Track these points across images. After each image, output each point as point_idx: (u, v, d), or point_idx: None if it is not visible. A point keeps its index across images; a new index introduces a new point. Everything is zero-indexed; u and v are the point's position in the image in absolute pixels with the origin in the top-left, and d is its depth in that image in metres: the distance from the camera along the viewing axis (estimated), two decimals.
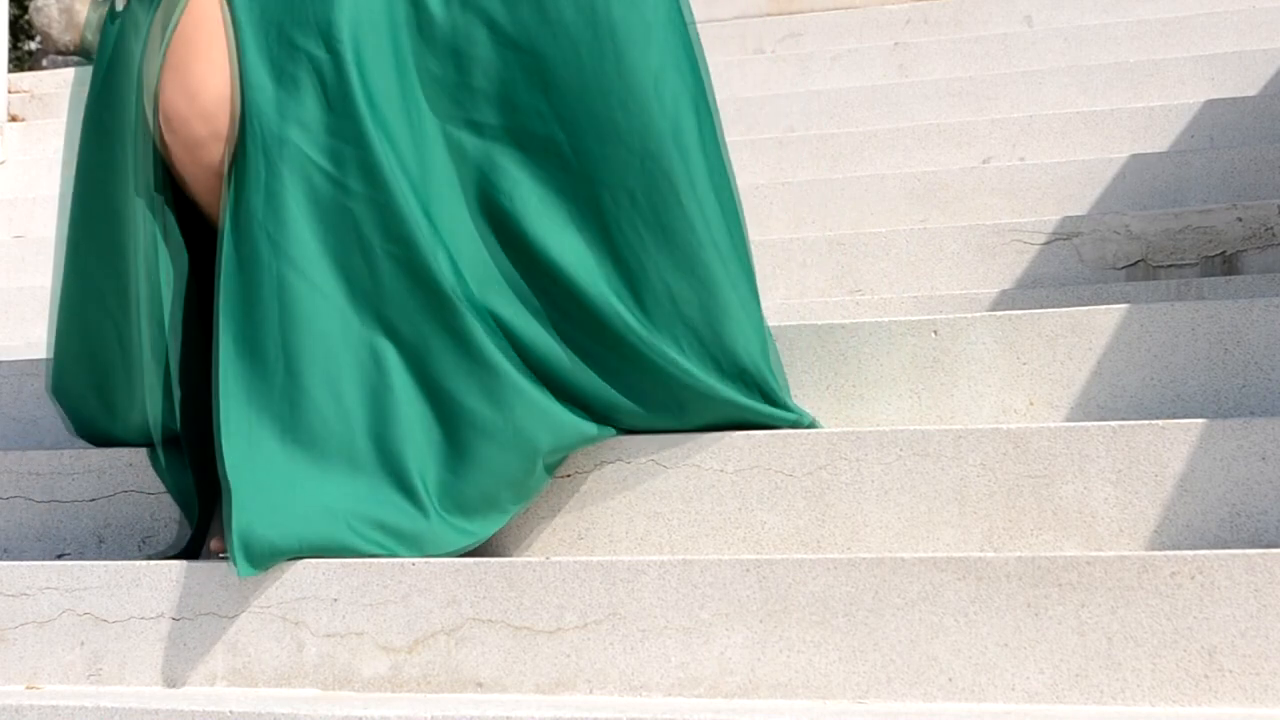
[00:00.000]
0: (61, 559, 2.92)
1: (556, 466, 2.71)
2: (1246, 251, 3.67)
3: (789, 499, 2.65)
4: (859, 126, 4.97)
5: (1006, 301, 3.57)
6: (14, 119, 6.39)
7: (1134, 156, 4.12)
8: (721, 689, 2.35)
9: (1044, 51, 5.35)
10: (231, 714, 2.28)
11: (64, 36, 8.94)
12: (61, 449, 3.04)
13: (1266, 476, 2.48)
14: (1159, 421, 2.54)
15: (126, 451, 2.93)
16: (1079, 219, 3.80)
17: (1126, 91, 4.88)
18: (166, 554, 2.77)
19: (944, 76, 5.28)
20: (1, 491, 2.98)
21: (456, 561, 2.49)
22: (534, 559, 2.49)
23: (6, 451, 3.02)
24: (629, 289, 2.70)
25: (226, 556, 2.58)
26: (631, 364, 2.68)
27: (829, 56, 5.63)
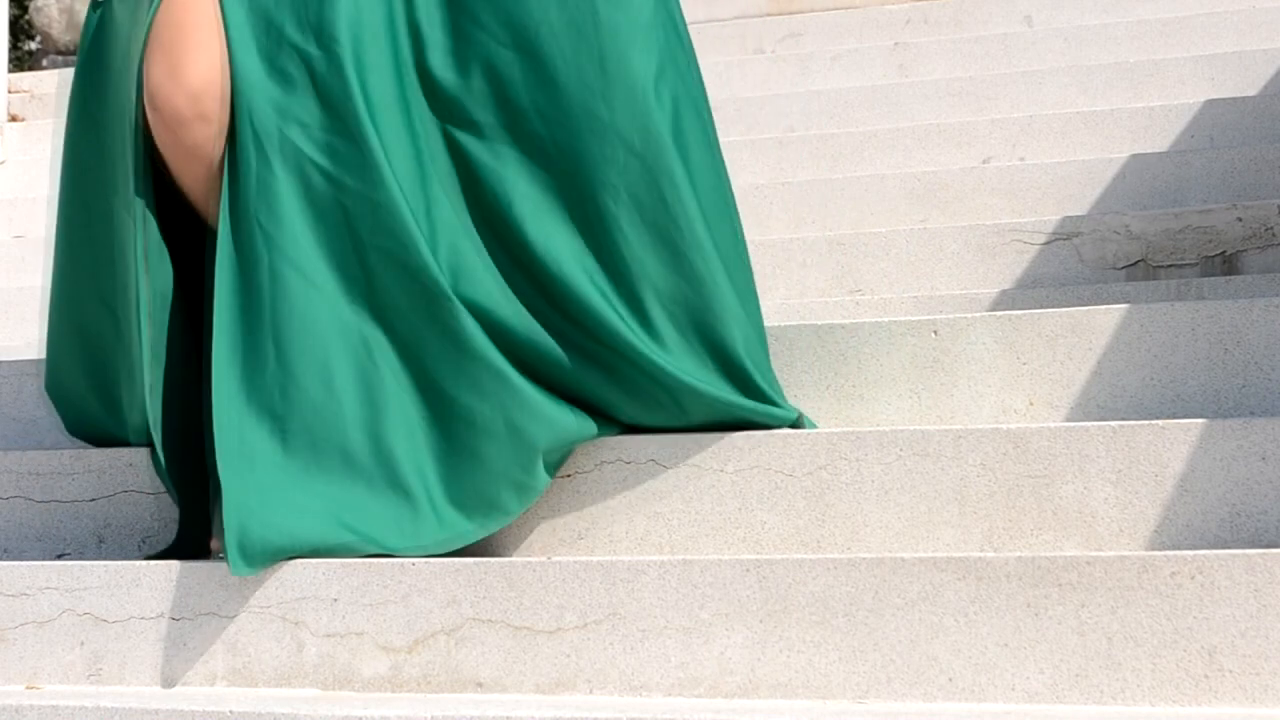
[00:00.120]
0: (61, 559, 2.91)
1: (559, 465, 2.71)
2: (1246, 251, 3.67)
3: (789, 499, 2.65)
4: (859, 126, 4.97)
5: (1006, 301, 3.57)
6: (14, 119, 6.39)
7: (1134, 156, 4.12)
8: (721, 689, 2.35)
9: (1044, 51, 5.35)
10: (231, 714, 2.28)
11: (64, 36, 8.95)
12: (61, 449, 3.04)
13: (1266, 476, 2.48)
14: (1159, 421, 2.54)
15: (127, 451, 2.93)
16: (1079, 219, 3.80)
17: (1126, 91, 4.88)
18: (165, 553, 2.77)
19: (944, 76, 5.28)
20: (1, 491, 2.98)
21: (456, 561, 2.49)
22: (534, 559, 2.49)
23: (6, 451, 3.02)
24: (620, 287, 2.70)
25: (224, 556, 2.58)
26: (623, 360, 2.68)
27: (829, 56, 5.63)
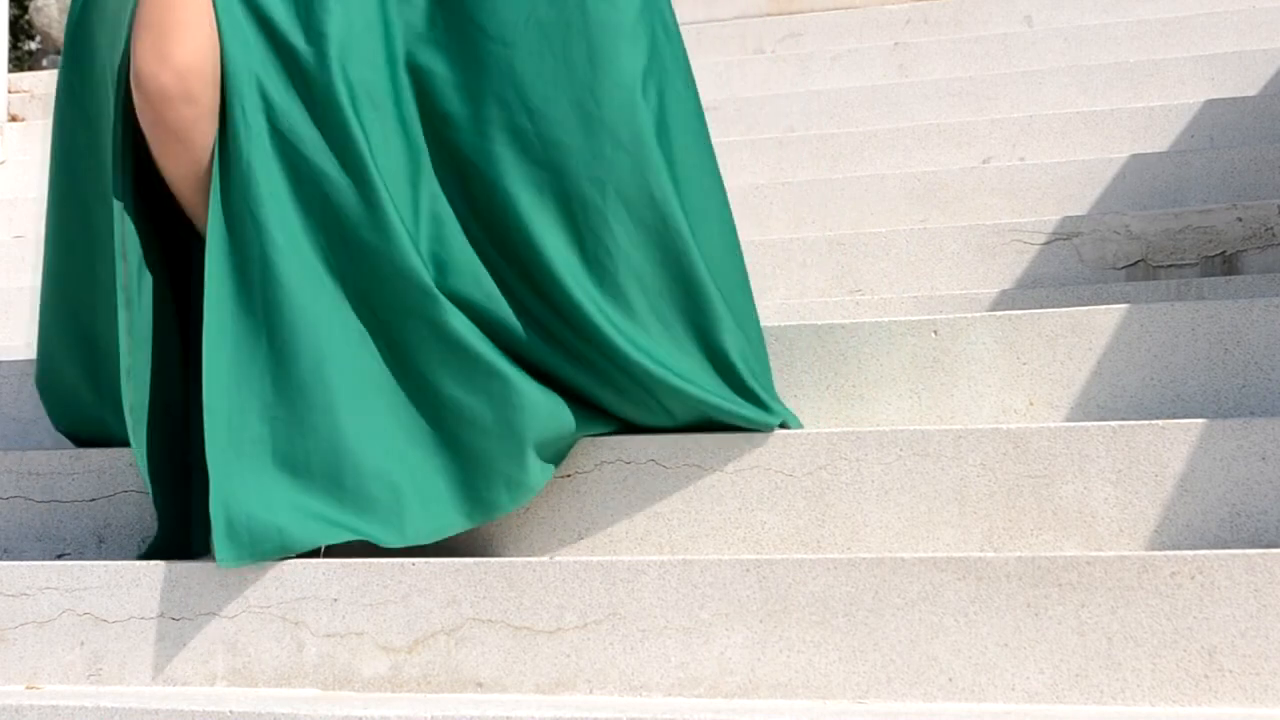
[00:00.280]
0: (61, 559, 2.91)
1: (558, 463, 2.71)
2: (1246, 251, 3.67)
3: (789, 499, 2.65)
4: (859, 126, 4.97)
5: (1006, 301, 3.57)
6: (14, 119, 6.39)
7: (1134, 156, 4.12)
8: (721, 689, 2.35)
9: (1044, 51, 5.35)
10: (231, 714, 2.28)
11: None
12: (61, 449, 3.04)
13: (1266, 476, 2.48)
14: (1159, 421, 2.54)
15: (127, 451, 2.93)
16: (1079, 219, 3.80)
17: (1126, 91, 4.88)
18: (151, 551, 2.76)
19: (944, 76, 5.28)
20: (1, 491, 2.98)
21: (456, 561, 2.49)
22: (534, 559, 2.49)
23: (6, 451, 3.02)
24: (605, 282, 2.70)
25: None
26: (602, 356, 2.68)
27: (829, 56, 5.63)
